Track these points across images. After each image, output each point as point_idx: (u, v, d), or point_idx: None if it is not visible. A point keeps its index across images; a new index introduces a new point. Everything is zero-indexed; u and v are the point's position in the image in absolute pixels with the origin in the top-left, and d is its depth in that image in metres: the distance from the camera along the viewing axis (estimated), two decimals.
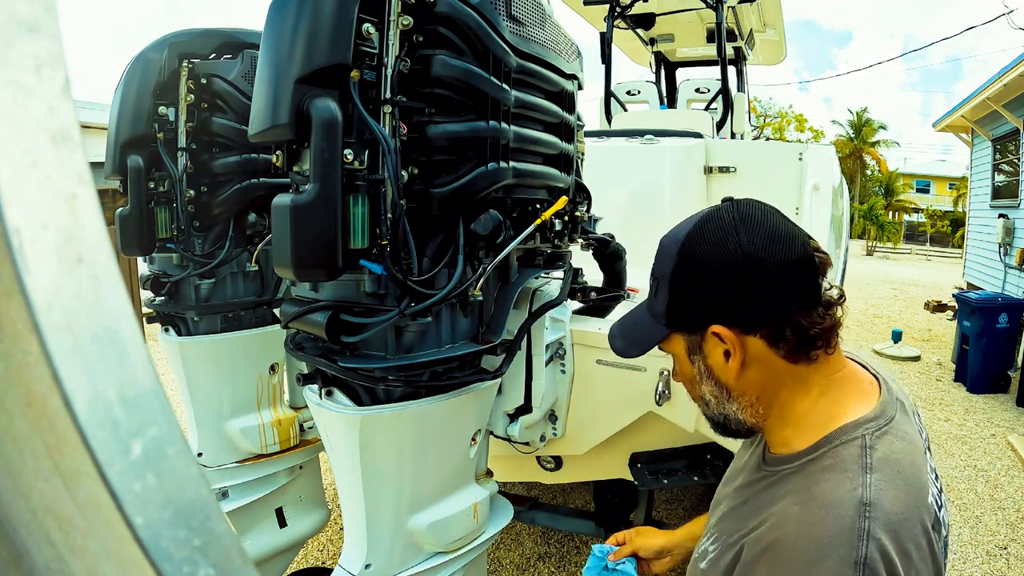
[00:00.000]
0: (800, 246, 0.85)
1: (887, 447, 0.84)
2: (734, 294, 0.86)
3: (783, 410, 0.91)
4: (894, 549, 0.75)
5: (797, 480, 0.86)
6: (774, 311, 0.85)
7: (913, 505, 0.80)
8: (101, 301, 0.28)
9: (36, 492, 0.32)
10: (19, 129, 0.27)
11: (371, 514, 1.28)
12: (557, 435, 1.77)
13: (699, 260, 0.88)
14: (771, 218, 0.88)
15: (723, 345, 0.89)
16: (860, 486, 0.78)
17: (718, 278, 0.86)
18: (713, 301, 0.87)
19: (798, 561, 0.76)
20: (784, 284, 0.84)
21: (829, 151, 3.14)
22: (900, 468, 0.82)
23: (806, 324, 0.85)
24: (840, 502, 0.78)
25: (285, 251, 1.00)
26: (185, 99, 1.77)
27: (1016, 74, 7.59)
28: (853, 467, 0.81)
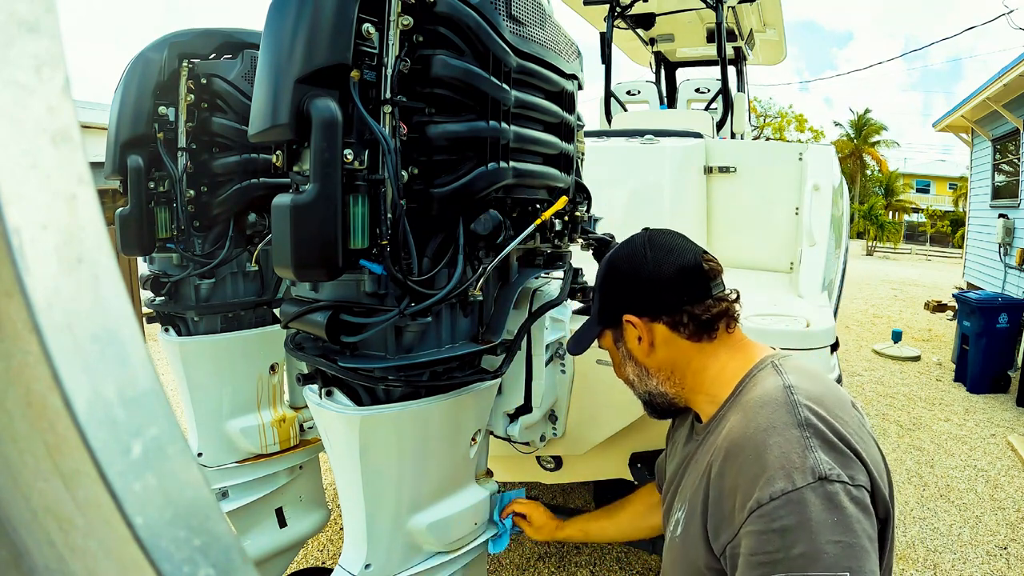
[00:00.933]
0: (692, 257, 1.11)
1: (793, 363, 1.05)
2: (640, 291, 1.12)
3: (697, 377, 1.12)
4: (825, 412, 0.91)
5: (732, 413, 1.02)
6: (670, 303, 1.10)
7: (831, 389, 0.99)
8: (101, 301, 0.28)
9: (36, 492, 0.32)
10: (19, 129, 0.27)
11: (371, 514, 1.28)
12: (557, 435, 1.77)
13: (615, 268, 1.16)
14: (673, 239, 1.14)
15: (635, 331, 1.13)
16: (780, 380, 0.98)
17: (628, 280, 1.13)
18: (625, 297, 1.14)
19: (754, 445, 0.90)
20: (676, 284, 1.09)
21: (829, 151, 3.14)
22: (810, 370, 1.04)
23: (699, 312, 1.09)
24: (768, 392, 0.96)
25: (285, 251, 1.00)
26: (185, 99, 1.77)
27: (1016, 74, 7.59)
28: (771, 376, 1.01)
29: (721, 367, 1.10)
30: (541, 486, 3.54)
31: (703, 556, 0.96)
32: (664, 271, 1.09)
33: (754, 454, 0.88)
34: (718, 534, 0.93)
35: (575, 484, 3.47)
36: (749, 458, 0.89)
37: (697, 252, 1.12)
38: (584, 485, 3.41)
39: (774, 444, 0.87)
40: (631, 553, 3.05)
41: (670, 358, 1.13)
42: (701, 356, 1.11)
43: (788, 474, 0.83)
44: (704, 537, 0.96)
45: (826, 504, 0.81)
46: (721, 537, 0.92)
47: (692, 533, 1.00)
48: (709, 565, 0.96)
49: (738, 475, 0.89)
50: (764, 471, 0.85)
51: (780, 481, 0.83)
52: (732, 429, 0.96)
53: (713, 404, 1.10)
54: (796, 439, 0.87)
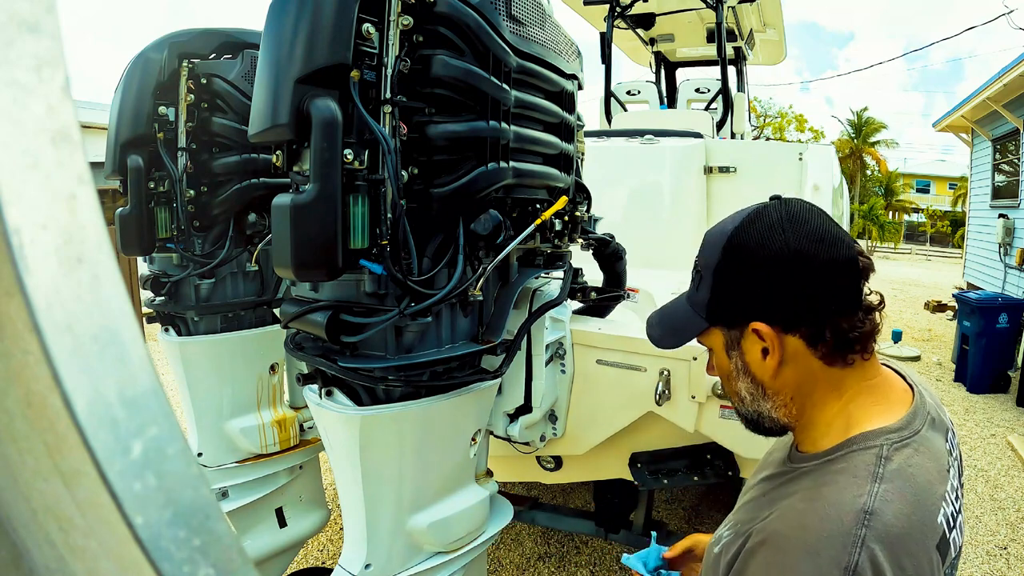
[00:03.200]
0: (846, 249, 0.85)
1: (903, 459, 0.83)
2: (777, 291, 0.86)
3: (814, 411, 0.91)
4: (887, 560, 0.74)
5: (810, 479, 0.86)
6: (815, 311, 0.85)
7: (918, 522, 0.79)
8: (101, 301, 0.28)
9: (36, 492, 0.32)
10: (19, 129, 0.27)
11: (371, 514, 1.28)
12: (557, 435, 1.77)
13: (744, 255, 0.88)
14: (818, 219, 0.89)
15: (762, 343, 0.89)
16: (865, 494, 0.78)
17: (761, 274, 0.87)
18: (755, 297, 0.88)
19: (792, 555, 0.77)
20: (827, 285, 0.85)
21: (829, 151, 3.15)
22: (913, 483, 0.81)
23: (846, 327, 0.85)
24: (842, 505, 0.78)
25: (285, 251, 1.00)
26: (185, 99, 1.77)
27: (1016, 74, 7.59)
28: (863, 474, 0.81)
29: (839, 411, 0.90)
30: (541, 486, 3.54)
31: None
32: (812, 267, 0.84)
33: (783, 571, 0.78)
34: None
35: (575, 484, 3.47)
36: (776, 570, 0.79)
37: (850, 242, 0.87)
38: (584, 485, 3.41)
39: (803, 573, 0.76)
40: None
41: (795, 381, 0.90)
42: (827, 386, 0.90)
43: None
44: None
45: None
46: None
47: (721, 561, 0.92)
48: None
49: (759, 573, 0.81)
50: None
51: None
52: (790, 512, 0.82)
53: (812, 446, 0.92)
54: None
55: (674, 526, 3.25)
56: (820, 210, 0.91)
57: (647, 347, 1.64)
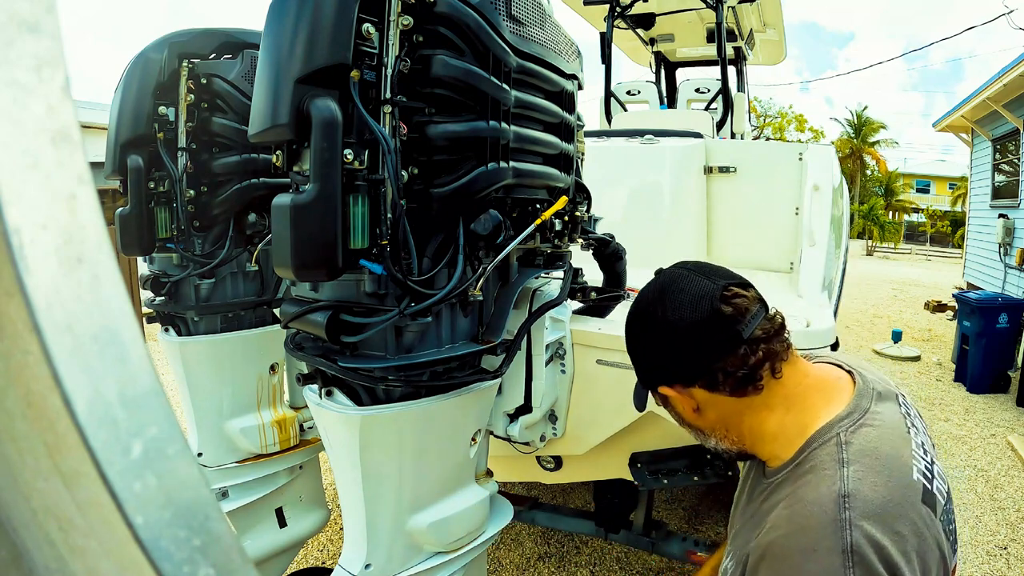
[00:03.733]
0: (708, 304, 0.94)
1: (862, 438, 0.90)
2: (664, 359, 0.99)
3: (754, 433, 1.00)
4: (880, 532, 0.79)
5: (786, 487, 0.92)
6: (698, 366, 0.96)
7: (896, 486, 0.84)
8: (101, 301, 0.28)
9: (36, 492, 0.32)
10: (19, 129, 0.27)
11: (371, 514, 1.28)
12: (557, 435, 1.77)
13: (632, 333, 1.04)
14: (686, 281, 0.98)
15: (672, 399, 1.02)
16: (838, 479, 0.84)
17: (648, 347, 1.01)
18: (653, 367, 1.02)
19: (792, 559, 0.82)
20: (698, 343, 0.95)
21: (829, 151, 3.15)
22: (878, 455, 0.87)
23: (732, 368, 0.94)
24: (820, 498, 0.83)
25: (285, 251, 1.00)
26: (185, 99, 1.77)
27: (1016, 74, 7.59)
28: (830, 464, 0.87)
29: (779, 423, 0.97)
30: (541, 486, 3.54)
31: None
32: (680, 331, 0.95)
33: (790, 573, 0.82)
34: None
35: (575, 484, 3.47)
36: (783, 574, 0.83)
37: (715, 293, 0.95)
38: (584, 485, 3.41)
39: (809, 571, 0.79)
40: (631, 553, 3.05)
41: (720, 418, 1.00)
42: (751, 411, 0.98)
43: None
44: None
45: None
46: None
47: None
48: None
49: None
50: None
51: None
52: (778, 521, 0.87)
53: (777, 460, 0.98)
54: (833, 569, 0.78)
55: (674, 526, 3.25)
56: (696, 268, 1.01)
57: None
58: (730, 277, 0.98)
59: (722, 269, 1.01)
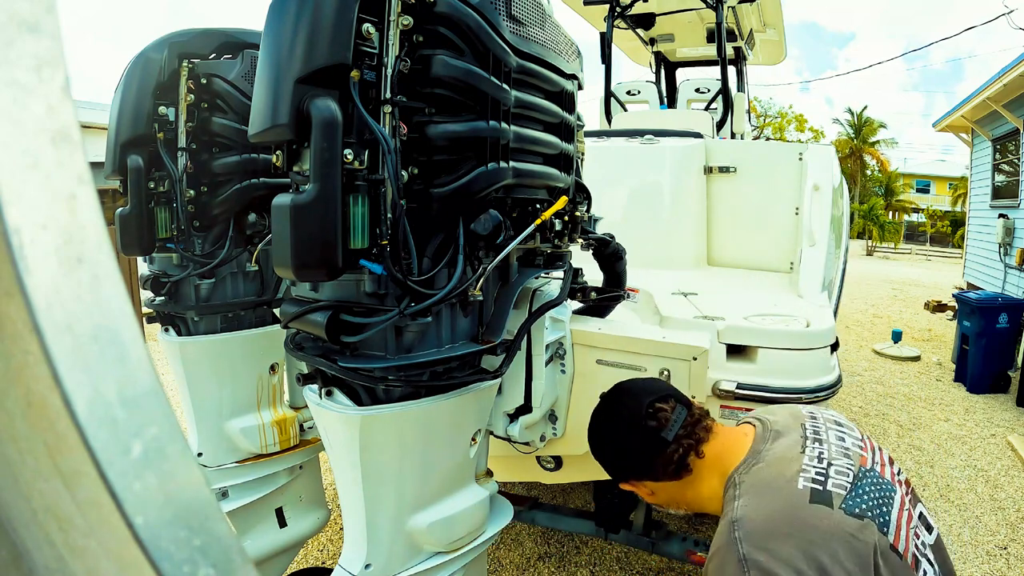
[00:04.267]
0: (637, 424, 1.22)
1: (752, 475, 1.13)
2: (619, 463, 1.28)
3: (697, 502, 1.25)
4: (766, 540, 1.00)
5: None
6: (642, 467, 1.23)
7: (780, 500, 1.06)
8: (101, 301, 0.28)
9: (36, 492, 0.32)
10: (19, 129, 0.27)
11: (371, 514, 1.28)
12: (557, 435, 1.77)
13: (595, 446, 1.32)
14: (620, 407, 1.28)
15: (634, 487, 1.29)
16: (731, 512, 1.08)
17: (607, 456, 1.30)
18: (615, 469, 1.30)
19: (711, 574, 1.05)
20: (637, 451, 1.23)
21: (829, 151, 3.15)
22: (762, 483, 1.11)
23: (663, 463, 1.20)
24: (721, 530, 1.08)
25: (285, 251, 1.00)
26: (185, 99, 1.77)
27: (1016, 74, 7.59)
28: (728, 503, 1.11)
29: (710, 489, 1.22)
30: (541, 486, 3.54)
31: None
32: (622, 445, 1.26)
33: None
34: None
35: (575, 484, 3.47)
36: None
37: (640, 412, 1.23)
38: (584, 485, 3.41)
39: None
40: (631, 553, 3.05)
41: (671, 497, 1.27)
42: (690, 487, 1.24)
43: None
44: None
45: None
46: None
47: None
48: None
49: None
50: None
51: None
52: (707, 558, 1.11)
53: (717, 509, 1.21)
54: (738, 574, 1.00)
55: (674, 526, 3.24)
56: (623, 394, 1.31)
57: (647, 347, 1.64)
58: (654, 392, 1.25)
59: (650, 385, 1.31)
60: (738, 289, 2.68)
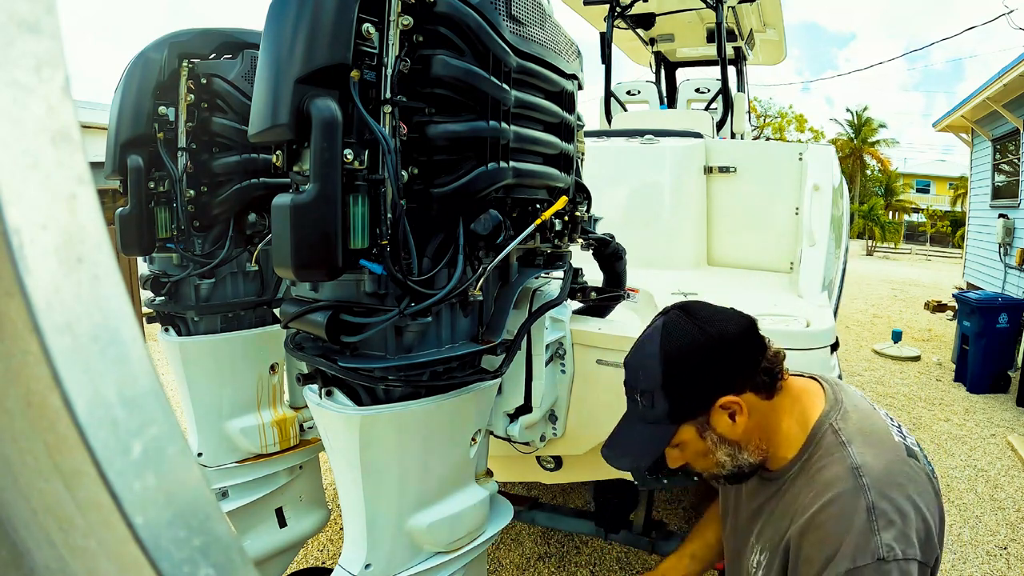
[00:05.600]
0: (739, 316, 1.13)
1: (849, 423, 1.11)
2: (720, 371, 1.10)
3: (773, 438, 1.16)
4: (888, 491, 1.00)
5: (802, 479, 1.11)
6: (750, 367, 1.11)
7: (888, 450, 1.07)
8: (101, 301, 0.28)
9: (36, 492, 0.32)
10: (19, 129, 0.27)
11: (371, 514, 1.28)
12: (557, 435, 1.77)
13: (682, 360, 1.10)
14: (709, 307, 1.15)
15: (726, 412, 1.11)
16: (847, 457, 1.05)
17: (704, 366, 1.10)
18: (709, 383, 1.10)
19: (828, 525, 1.01)
20: (746, 346, 1.11)
21: (829, 151, 3.14)
22: (865, 433, 1.10)
23: (768, 365, 1.11)
24: (839, 475, 1.04)
25: (285, 251, 1.00)
26: (185, 99, 1.77)
27: (1016, 74, 7.58)
28: (835, 447, 1.08)
29: (787, 426, 1.15)
30: (541, 486, 3.54)
31: None
32: (730, 338, 1.10)
33: (831, 535, 1.00)
34: None
35: (575, 484, 3.47)
36: (826, 537, 1.00)
37: (737, 311, 1.14)
38: (584, 485, 3.40)
39: (846, 529, 0.99)
40: (631, 553, 3.05)
41: (757, 424, 1.14)
42: (774, 415, 1.14)
43: (853, 555, 0.97)
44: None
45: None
46: None
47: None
48: None
49: (813, 549, 1.02)
50: (837, 551, 0.98)
51: (845, 562, 0.97)
52: (808, 506, 1.05)
53: (782, 460, 1.16)
54: (863, 523, 0.98)
55: (674, 526, 3.24)
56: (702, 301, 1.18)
57: None
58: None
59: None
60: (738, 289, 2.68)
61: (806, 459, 1.11)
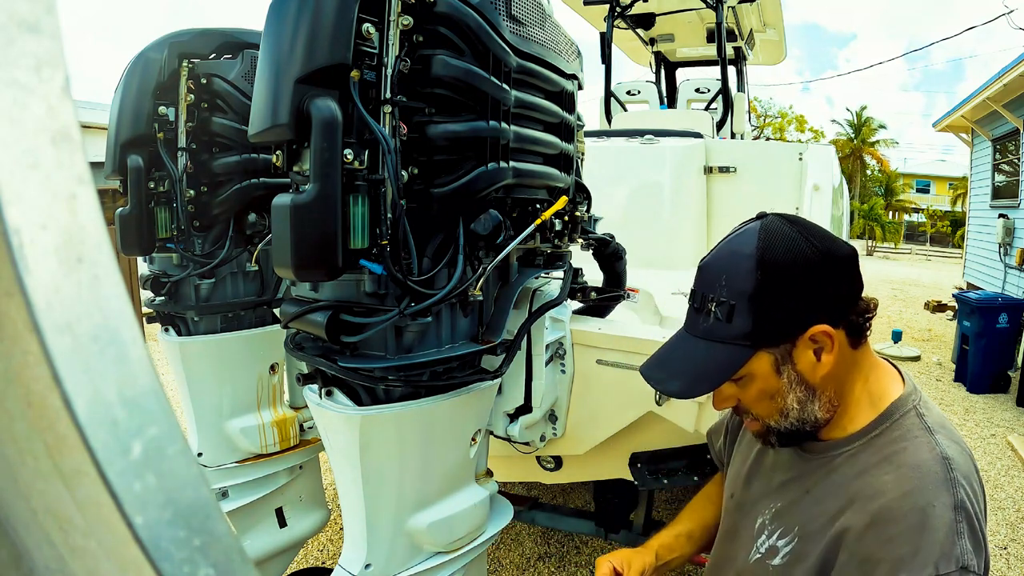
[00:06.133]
0: (842, 241, 0.94)
1: (932, 413, 0.97)
2: (821, 293, 0.90)
3: (845, 398, 0.97)
4: (971, 489, 0.88)
5: (869, 455, 0.93)
6: (850, 300, 0.92)
7: (965, 453, 0.93)
8: (101, 301, 0.28)
9: (36, 492, 0.32)
10: (19, 129, 0.27)
11: (371, 514, 1.28)
12: (557, 435, 1.77)
13: (781, 270, 0.89)
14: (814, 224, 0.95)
15: (814, 345, 0.92)
16: (935, 445, 0.90)
17: (804, 282, 0.89)
18: (806, 305, 0.90)
19: (910, 517, 0.85)
20: (850, 275, 0.92)
21: (829, 151, 3.15)
22: (947, 427, 0.96)
23: (863, 307, 0.93)
24: (927, 462, 0.89)
25: (285, 251, 1.00)
26: (185, 99, 1.77)
27: (1016, 74, 7.59)
28: (920, 432, 0.92)
29: (860, 391, 0.97)
30: (541, 486, 3.54)
31: None
32: (837, 260, 0.90)
33: (909, 531, 0.85)
34: None
35: (575, 484, 3.47)
36: (903, 534, 0.85)
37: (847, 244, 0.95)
38: (584, 485, 3.40)
39: (930, 527, 0.84)
40: None
41: (835, 373, 0.94)
42: (854, 371, 0.96)
43: (936, 561, 0.82)
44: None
45: None
46: None
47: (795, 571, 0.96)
48: None
49: (885, 546, 0.86)
50: (916, 553, 0.83)
51: (929, 567, 0.82)
52: (883, 487, 0.89)
53: (840, 432, 0.98)
54: (949, 523, 0.84)
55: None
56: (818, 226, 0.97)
57: (647, 347, 1.64)
58: None
59: None
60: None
61: (876, 435, 0.94)
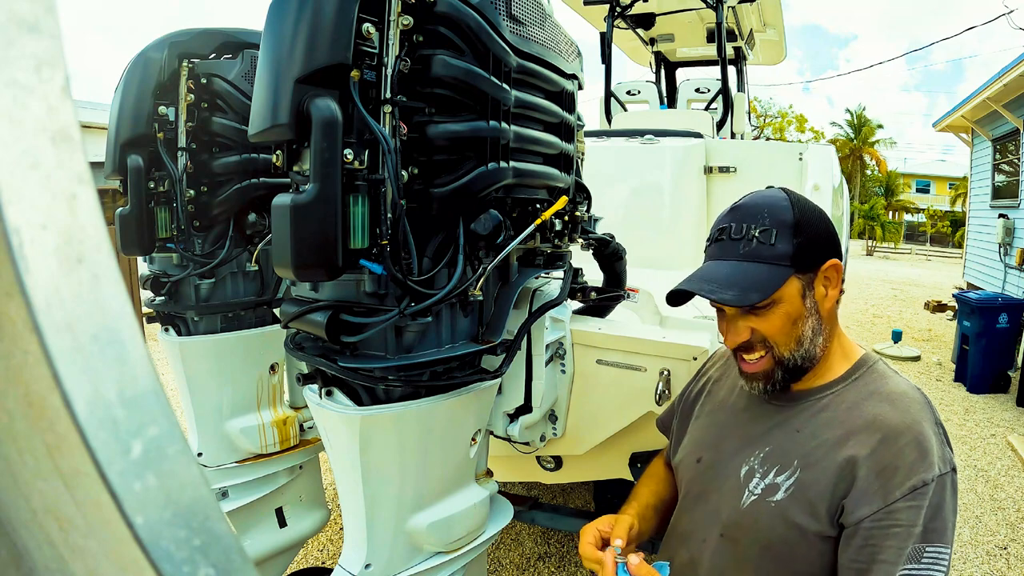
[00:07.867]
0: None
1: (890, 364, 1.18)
2: (832, 235, 1.12)
3: (829, 345, 1.14)
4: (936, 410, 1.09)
5: (854, 394, 1.11)
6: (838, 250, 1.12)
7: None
8: (101, 301, 0.28)
9: (36, 492, 0.32)
10: (19, 129, 0.27)
11: (371, 514, 1.28)
12: (557, 435, 1.77)
13: (810, 211, 1.11)
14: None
15: (826, 281, 1.11)
16: (903, 382, 1.11)
17: (823, 224, 1.11)
18: (827, 241, 1.10)
19: (910, 432, 1.03)
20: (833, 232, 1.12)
21: (829, 151, 3.15)
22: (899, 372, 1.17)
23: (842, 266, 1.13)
24: (908, 391, 1.09)
25: (285, 251, 1.00)
26: (185, 99, 1.77)
27: (1016, 74, 7.58)
28: (891, 374, 1.14)
29: (836, 345, 1.16)
30: (541, 486, 3.54)
31: (812, 522, 1.05)
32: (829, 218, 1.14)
33: (912, 443, 1.02)
34: (857, 506, 1.01)
35: (575, 484, 3.47)
36: (908, 444, 1.01)
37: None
38: (584, 485, 3.41)
39: (925, 438, 1.02)
40: None
41: (830, 314, 1.14)
42: (834, 322, 1.16)
43: (936, 463, 1.01)
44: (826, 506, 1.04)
45: (953, 489, 1.02)
46: (861, 510, 1.01)
47: (803, 499, 1.06)
48: (817, 532, 1.05)
49: (898, 456, 1.01)
50: (925, 457, 1.00)
51: (935, 468, 1.00)
52: (883, 413, 1.06)
53: (820, 379, 1.15)
54: (937, 435, 1.04)
55: None
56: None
57: (647, 347, 1.64)
58: None
59: None
60: None
61: (856, 379, 1.13)
